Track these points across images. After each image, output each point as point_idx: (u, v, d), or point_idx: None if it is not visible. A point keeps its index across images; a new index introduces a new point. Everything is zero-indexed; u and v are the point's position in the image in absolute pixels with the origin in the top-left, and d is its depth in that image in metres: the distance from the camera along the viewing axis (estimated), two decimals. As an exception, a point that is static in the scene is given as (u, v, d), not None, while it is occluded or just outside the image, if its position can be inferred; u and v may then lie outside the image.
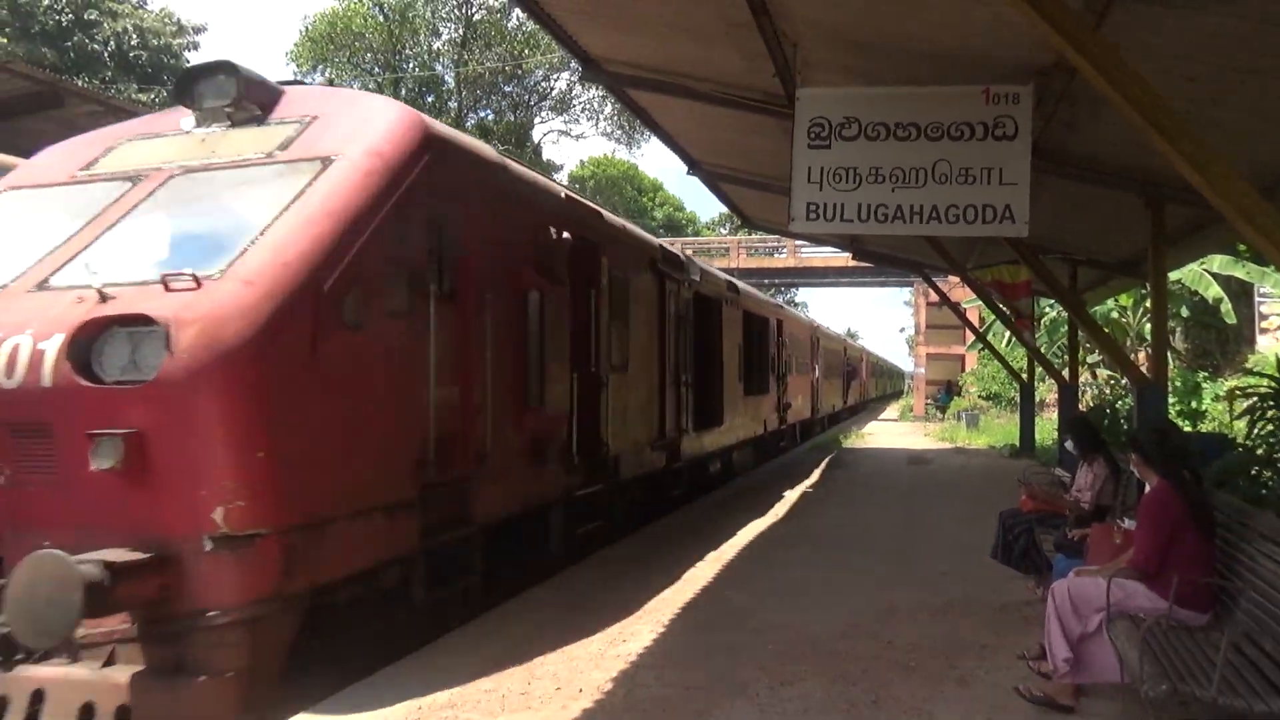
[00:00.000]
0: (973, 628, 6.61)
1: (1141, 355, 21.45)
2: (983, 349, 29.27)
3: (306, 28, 48.03)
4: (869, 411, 52.14)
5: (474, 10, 47.80)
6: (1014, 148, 7.03)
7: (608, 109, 51.22)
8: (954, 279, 21.82)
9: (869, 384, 57.05)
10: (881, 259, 21.45)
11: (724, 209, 21.71)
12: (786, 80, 8.02)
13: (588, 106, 52.64)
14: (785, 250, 49.11)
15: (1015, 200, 7.06)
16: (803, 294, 68.19)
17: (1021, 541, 7.35)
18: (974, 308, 27.21)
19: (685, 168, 14.52)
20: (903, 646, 6.16)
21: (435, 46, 49.64)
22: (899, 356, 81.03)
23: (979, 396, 37.50)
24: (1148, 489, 5.25)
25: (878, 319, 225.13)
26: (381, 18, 47.90)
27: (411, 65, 49.20)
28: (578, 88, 50.50)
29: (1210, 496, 5.47)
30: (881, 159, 7.27)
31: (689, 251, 15.86)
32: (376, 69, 47.88)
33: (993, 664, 5.77)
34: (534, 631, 6.49)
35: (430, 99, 49.20)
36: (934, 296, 33.59)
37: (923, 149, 7.18)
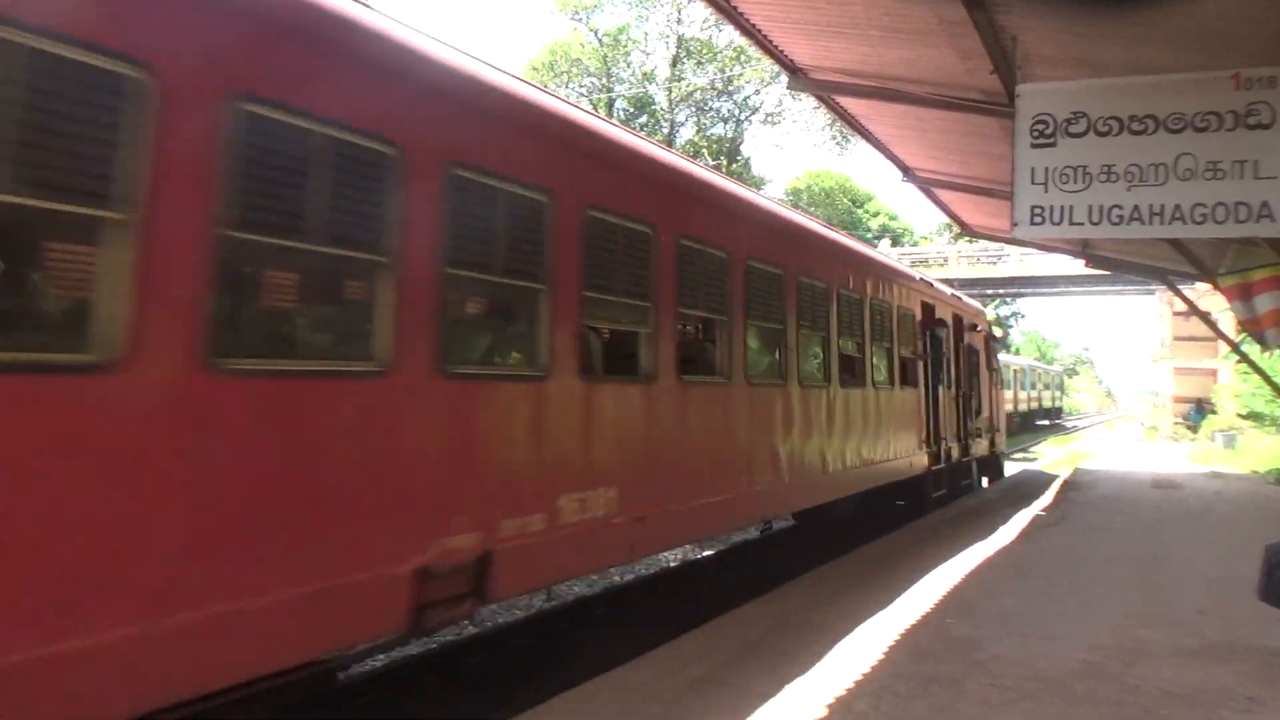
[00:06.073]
0: (1236, 676, 5.93)
1: None
2: (1240, 362, 26.62)
3: (529, 59, 50.79)
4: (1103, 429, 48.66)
5: (684, 28, 48.78)
6: (1271, 137, 6.36)
7: (819, 120, 50.62)
8: (1204, 285, 19.92)
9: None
10: (1118, 266, 19.96)
11: (943, 217, 21.00)
12: (1006, 76, 7.59)
13: (799, 118, 52.26)
14: (1009, 257, 46.66)
15: (1274, 196, 6.38)
16: (1026, 304, 64.21)
17: (1292, 579, 6.52)
18: (1229, 316, 24.73)
19: (899, 176, 14.10)
20: (1151, 692, 5.61)
21: (647, 67, 51.01)
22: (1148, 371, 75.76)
23: (1238, 415, 34.00)
24: None
25: (1117, 328, 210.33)
26: (597, 43, 49.78)
27: (625, 85, 50.73)
28: (787, 99, 50.29)
29: None
30: (1114, 156, 6.75)
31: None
32: (593, 91, 49.68)
33: (1260, 719, 5.14)
34: (744, 651, 6.40)
35: (643, 119, 50.38)
36: (1181, 305, 30.80)
37: (1162, 143, 6.62)
